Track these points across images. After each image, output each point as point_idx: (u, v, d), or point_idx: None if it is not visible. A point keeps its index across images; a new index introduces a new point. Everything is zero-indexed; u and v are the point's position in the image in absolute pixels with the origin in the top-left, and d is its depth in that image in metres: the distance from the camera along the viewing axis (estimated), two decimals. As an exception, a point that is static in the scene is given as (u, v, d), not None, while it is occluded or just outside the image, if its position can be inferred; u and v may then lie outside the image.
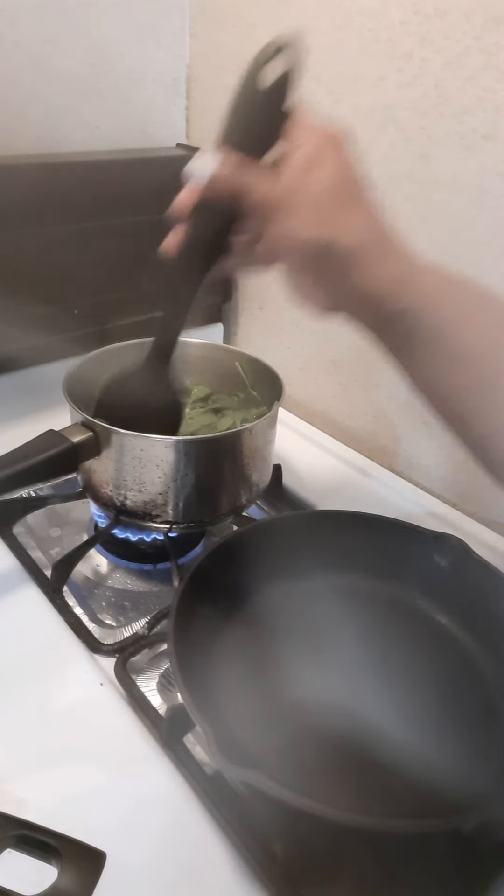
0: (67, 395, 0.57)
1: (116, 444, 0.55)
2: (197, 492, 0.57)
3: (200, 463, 0.56)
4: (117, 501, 0.58)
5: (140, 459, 0.55)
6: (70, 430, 0.55)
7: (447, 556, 0.54)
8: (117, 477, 0.56)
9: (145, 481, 0.56)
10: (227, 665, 0.49)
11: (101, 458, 0.56)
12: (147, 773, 0.43)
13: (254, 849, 0.39)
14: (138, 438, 0.54)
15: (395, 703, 0.47)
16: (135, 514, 0.58)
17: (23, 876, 0.35)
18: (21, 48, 0.73)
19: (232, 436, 0.58)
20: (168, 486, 0.56)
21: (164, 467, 0.55)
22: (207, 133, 0.87)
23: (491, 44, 0.56)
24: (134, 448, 0.54)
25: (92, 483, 0.59)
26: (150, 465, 0.55)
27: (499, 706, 0.47)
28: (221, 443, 0.58)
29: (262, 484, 0.63)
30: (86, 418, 0.55)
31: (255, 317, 0.91)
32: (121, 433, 0.54)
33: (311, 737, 0.45)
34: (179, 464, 0.55)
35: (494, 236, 0.61)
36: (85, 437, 0.55)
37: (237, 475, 0.59)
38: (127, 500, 0.57)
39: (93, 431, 0.55)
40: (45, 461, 0.53)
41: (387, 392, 0.76)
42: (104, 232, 0.75)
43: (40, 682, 0.48)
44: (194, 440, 0.57)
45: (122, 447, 0.55)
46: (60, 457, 0.54)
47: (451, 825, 0.36)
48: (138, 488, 0.56)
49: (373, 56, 0.65)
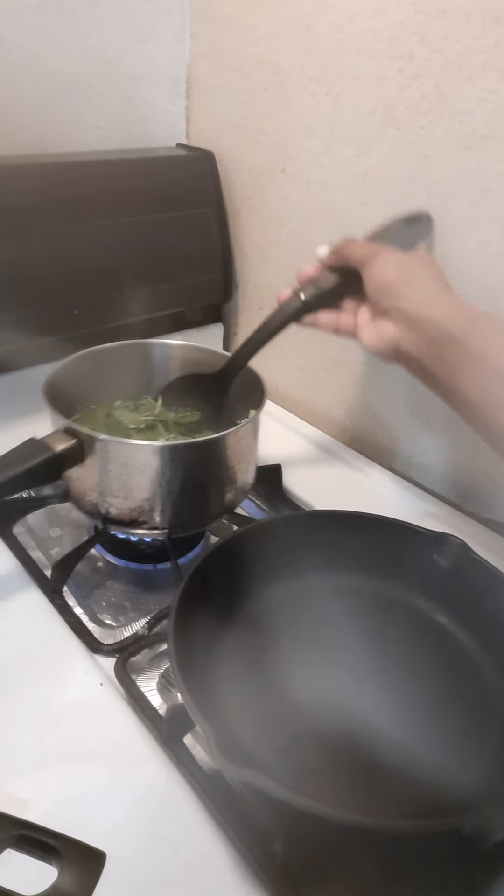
0: (48, 400, 0.56)
1: (102, 451, 0.53)
2: (184, 496, 0.56)
3: (188, 467, 0.55)
4: (103, 509, 0.56)
5: (126, 466, 0.53)
6: (53, 438, 0.53)
7: (447, 556, 0.54)
8: (102, 484, 0.55)
9: (132, 487, 0.54)
10: (227, 665, 0.49)
11: (85, 466, 0.54)
12: (147, 773, 0.43)
13: (254, 849, 0.39)
14: (124, 445, 0.53)
15: (395, 703, 0.47)
16: (120, 521, 0.57)
17: (23, 876, 0.35)
18: (21, 48, 0.73)
19: (218, 439, 0.56)
20: (155, 491, 0.55)
21: (151, 473, 0.54)
22: (207, 133, 0.87)
23: (491, 44, 0.56)
24: (120, 454, 0.53)
25: (76, 491, 0.58)
26: (137, 470, 0.53)
27: (498, 706, 0.47)
28: (208, 446, 0.57)
29: (247, 485, 0.63)
30: (69, 425, 0.54)
31: (255, 317, 0.91)
32: (106, 440, 0.53)
33: (311, 737, 0.45)
34: (166, 469, 0.54)
35: (494, 236, 0.61)
36: (69, 445, 0.53)
37: (223, 478, 0.59)
38: (112, 508, 0.56)
39: (77, 438, 0.53)
40: (27, 472, 0.51)
41: (387, 392, 0.76)
42: (104, 232, 0.75)
43: (40, 681, 0.48)
44: (181, 445, 0.55)
45: (108, 453, 0.53)
46: (43, 466, 0.52)
47: (451, 825, 0.36)
48: (125, 495, 0.55)
49: (373, 56, 0.65)
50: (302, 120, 0.74)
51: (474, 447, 0.68)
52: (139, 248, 0.78)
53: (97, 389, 0.66)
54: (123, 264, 0.78)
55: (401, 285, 0.50)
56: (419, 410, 0.73)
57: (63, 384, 0.60)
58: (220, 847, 0.39)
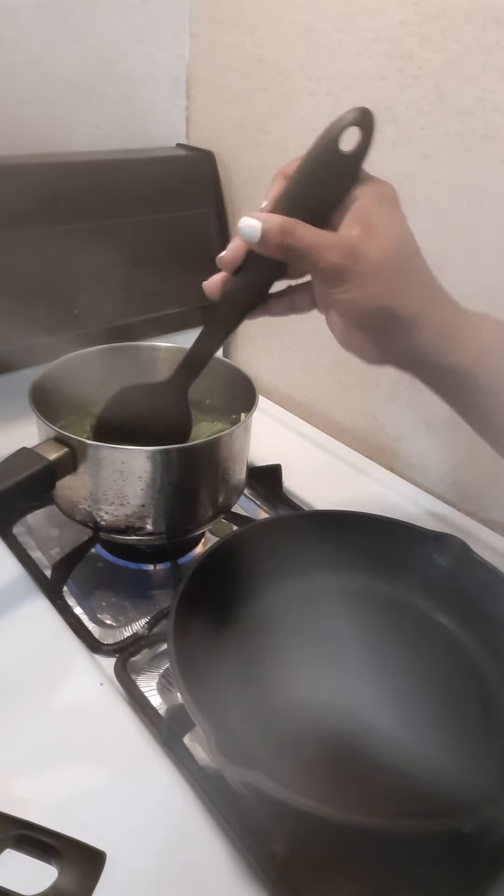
0: (35, 407, 0.55)
1: (94, 459, 0.53)
2: (178, 501, 0.56)
3: (181, 472, 0.55)
4: (96, 517, 0.56)
5: (122, 472, 0.53)
6: (44, 448, 0.52)
7: (447, 556, 0.54)
8: (96, 492, 0.55)
9: (127, 494, 0.54)
10: (227, 665, 0.49)
11: (77, 474, 0.54)
12: (147, 773, 0.43)
13: (254, 849, 0.39)
14: (119, 451, 0.52)
15: (395, 703, 0.47)
16: (114, 528, 0.56)
17: (23, 876, 0.35)
18: (21, 48, 0.73)
19: (212, 443, 0.56)
20: (148, 497, 0.54)
21: (147, 478, 0.53)
22: (207, 133, 0.87)
23: (491, 44, 0.56)
24: (115, 461, 0.53)
25: (67, 500, 0.57)
26: (132, 476, 0.53)
27: (499, 706, 0.47)
28: (202, 450, 0.56)
29: (240, 485, 0.63)
30: (59, 433, 0.53)
31: (255, 317, 0.91)
32: (100, 447, 0.52)
33: (311, 737, 0.45)
34: (159, 474, 0.53)
35: (494, 236, 0.61)
36: (61, 454, 0.52)
37: (217, 481, 0.58)
38: (107, 515, 0.56)
39: (68, 447, 0.52)
40: (22, 483, 0.50)
41: (387, 392, 0.76)
42: (104, 232, 0.75)
43: (40, 681, 0.48)
44: (174, 449, 0.54)
45: (101, 461, 0.53)
46: (37, 477, 0.51)
47: (451, 825, 0.36)
48: (120, 502, 0.54)
49: (373, 56, 0.65)
50: (302, 120, 0.74)
51: (474, 447, 0.68)
52: (139, 248, 0.78)
53: (84, 393, 0.65)
54: (123, 264, 0.78)
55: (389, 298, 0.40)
56: (419, 410, 0.73)
57: (49, 389, 0.59)
58: (220, 847, 0.39)
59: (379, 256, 0.39)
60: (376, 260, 0.39)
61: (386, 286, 0.39)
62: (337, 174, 0.40)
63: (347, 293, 0.39)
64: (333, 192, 0.40)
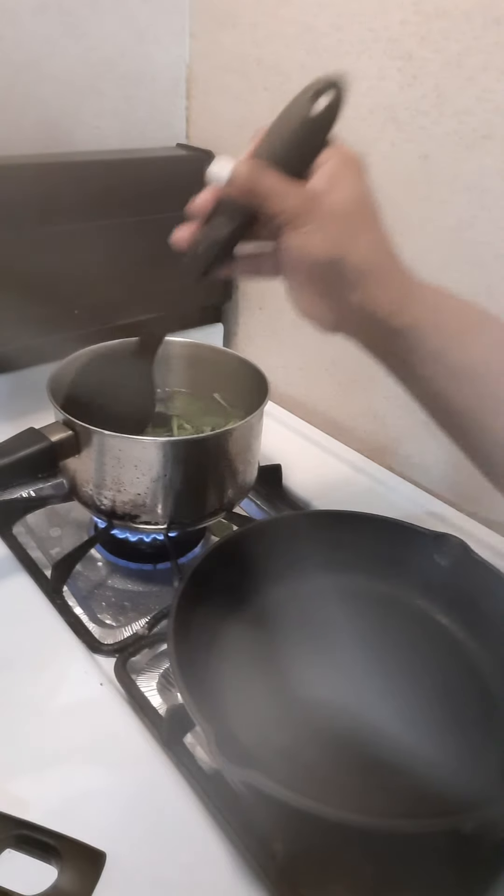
0: (50, 394, 0.57)
1: (96, 444, 0.54)
2: (180, 492, 0.57)
3: (180, 464, 0.55)
4: (97, 501, 0.57)
5: (119, 459, 0.54)
6: (50, 429, 0.55)
7: (447, 556, 0.54)
8: (97, 476, 0.56)
9: (124, 481, 0.55)
10: (227, 665, 0.49)
11: (81, 457, 0.56)
12: (147, 773, 0.43)
13: (254, 849, 0.39)
14: (116, 439, 0.54)
15: (395, 703, 0.47)
16: (116, 514, 0.57)
17: (23, 876, 0.35)
18: (21, 48, 0.73)
19: (213, 437, 0.57)
20: (147, 486, 0.55)
21: (143, 468, 0.54)
22: (207, 133, 0.87)
23: (491, 44, 0.56)
24: (112, 448, 0.54)
25: (74, 482, 0.59)
26: (129, 465, 0.54)
27: (499, 706, 0.47)
28: (202, 445, 0.57)
29: (247, 485, 0.63)
30: (66, 417, 0.55)
31: (255, 317, 0.91)
32: (100, 433, 0.53)
33: (312, 737, 0.45)
34: (157, 464, 0.54)
35: (494, 236, 0.61)
36: (64, 436, 0.55)
37: (219, 476, 0.59)
38: (107, 501, 0.57)
39: (73, 430, 0.55)
40: (24, 459, 0.53)
41: (387, 392, 0.76)
42: (104, 232, 0.75)
43: (40, 681, 0.48)
44: (173, 442, 0.56)
45: (102, 447, 0.54)
46: (38, 455, 0.54)
47: (451, 825, 0.36)
48: (117, 488, 0.56)
49: (372, 56, 0.65)
50: (302, 120, 0.74)
51: (474, 447, 0.68)
52: (139, 247, 0.78)
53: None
54: (123, 264, 0.78)
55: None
56: (419, 410, 0.73)
57: (66, 379, 0.60)
58: (220, 847, 0.39)
59: (337, 207, 0.41)
60: (333, 210, 0.40)
61: (340, 234, 0.40)
62: (307, 136, 0.42)
63: (303, 236, 0.40)
64: (303, 152, 0.42)
